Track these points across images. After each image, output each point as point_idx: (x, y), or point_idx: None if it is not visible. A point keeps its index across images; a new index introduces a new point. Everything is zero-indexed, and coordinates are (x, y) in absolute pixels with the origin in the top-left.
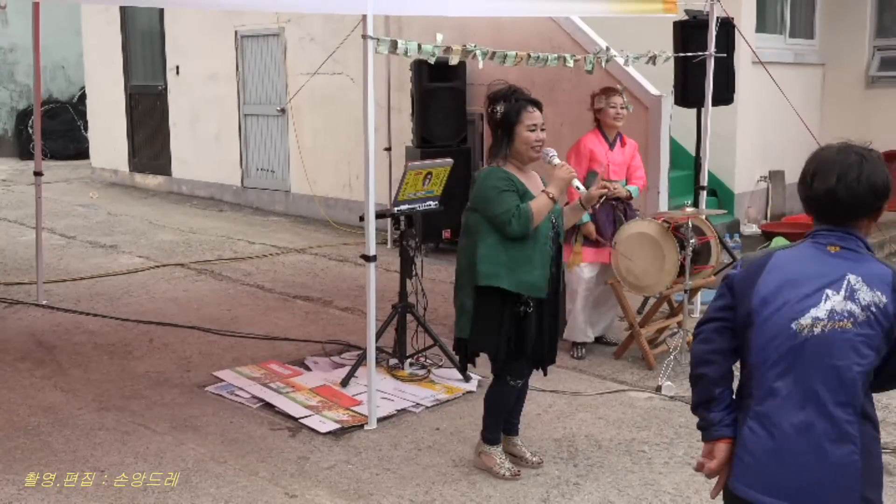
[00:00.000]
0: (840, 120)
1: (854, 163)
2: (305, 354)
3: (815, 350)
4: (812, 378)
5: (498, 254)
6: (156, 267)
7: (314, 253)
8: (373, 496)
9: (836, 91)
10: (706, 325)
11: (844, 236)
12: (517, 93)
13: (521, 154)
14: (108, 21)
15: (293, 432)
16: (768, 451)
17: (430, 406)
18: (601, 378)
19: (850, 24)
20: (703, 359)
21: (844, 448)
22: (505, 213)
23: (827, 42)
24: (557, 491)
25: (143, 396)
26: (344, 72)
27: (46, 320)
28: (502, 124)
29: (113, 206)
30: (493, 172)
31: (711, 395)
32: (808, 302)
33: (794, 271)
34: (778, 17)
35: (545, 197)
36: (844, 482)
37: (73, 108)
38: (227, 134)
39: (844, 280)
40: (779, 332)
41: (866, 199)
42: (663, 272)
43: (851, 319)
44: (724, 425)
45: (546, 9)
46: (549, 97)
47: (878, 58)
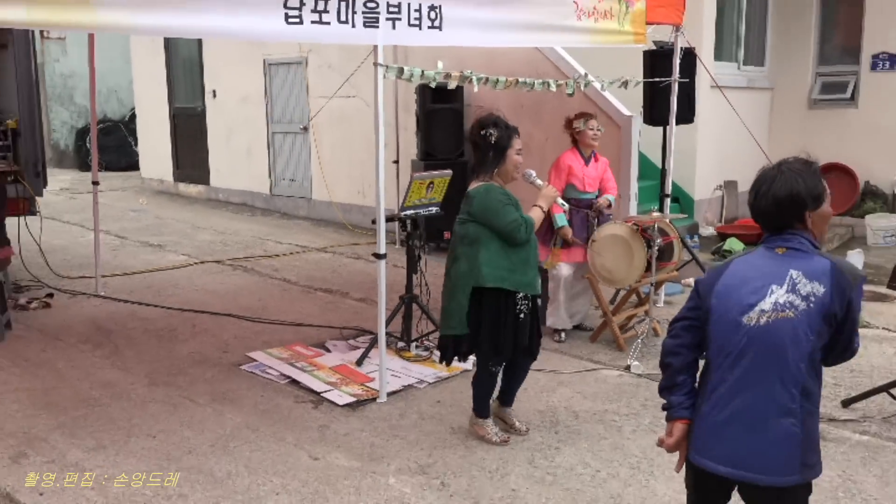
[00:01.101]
0: (786, 137)
1: (768, 178)
2: (326, 338)
3: (763, 338)
4: (760, 363)
5: (500, 259)
6: (197, 263)
7: (332, 251)
8: (383, 458)
9: (783, 112)
10: (677, 322)
11: (789, 238)
12: (502, 119)
13: (508, 173)
14: (154, 51)
15: (315, 404)
16: (722, 427)
17: (432, 382)
18: (579, 358)
19: (795, 54)
20: (671, 351)
21: (787, 421)
22: (514, 223)
23: (775, 69)
24: (541, 454)
25: (187, 374)
26: (358, 95)
27: (104, 309)
28: (496, 147)
29: (160, 211)
30: (492, 189)
31: (675, 382)
32: (755, 297)
33: (747, 272)
34: (733, 47)
35: (539, 210)
36: (787, 450)
37: (125, 127)
38: (257, 148)
39: (787, 275)
40: (732, 325)
41: (775, 209)
42: (632, 268)
43: (793, 309)
44: (682, 408)
45: (533, 40)
46: (535, 117)
47: (819, 83)
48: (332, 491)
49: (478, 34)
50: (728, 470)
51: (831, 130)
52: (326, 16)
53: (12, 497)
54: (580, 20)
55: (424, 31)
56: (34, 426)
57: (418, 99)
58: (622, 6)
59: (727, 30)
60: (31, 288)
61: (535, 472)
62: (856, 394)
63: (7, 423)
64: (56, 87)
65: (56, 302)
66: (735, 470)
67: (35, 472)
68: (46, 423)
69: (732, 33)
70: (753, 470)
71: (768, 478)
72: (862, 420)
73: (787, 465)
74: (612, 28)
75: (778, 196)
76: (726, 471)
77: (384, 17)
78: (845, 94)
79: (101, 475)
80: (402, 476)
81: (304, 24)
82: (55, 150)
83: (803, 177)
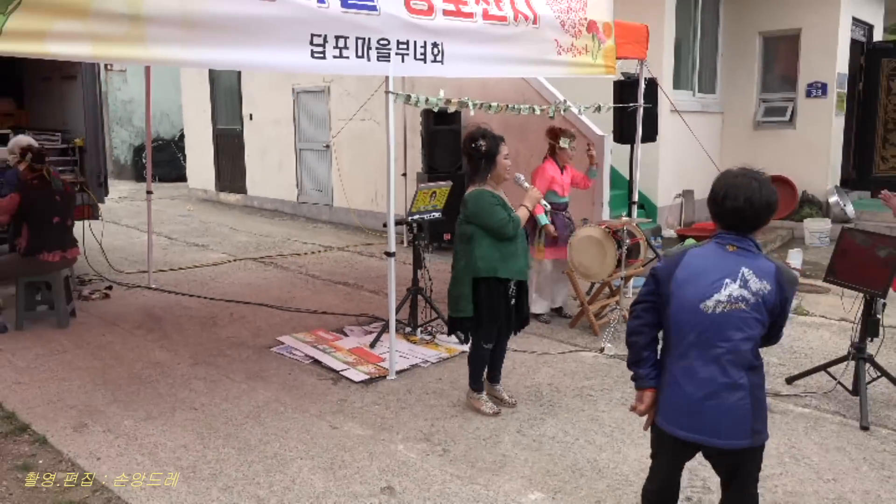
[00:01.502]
0: (735, 153)
1: (756, 188)
2: (344, 324)
3: (717, 323)
4: (714, 344)
5: (493, 252)
6: (235, 260)
7: (350, 250)
8: (393, 427)
9: (732, 132)
10: (637, 305)
11: (741, 239)
12: (490, 132)
13: (499, 176)
14: (201, 81)
15: (335, 381)
16: (682, 397)
17: (435, 362)
18: (560, 342)
19: (742, 83)
20: (635, 330)
21: (737, 394)
22: (502, 221)
23: (725, 96)
24: (528, 424)
25: (225, 355)
26: (372, 118)
27: (155, 299)
28: (486, 155)
29: (204, 216)
30: (483, 193)
31: (641, 357)
32: (712, 288)
33: (703, 265)
34: (689, 77)
35: (524, 209)
36: (738, 418)
37: (175, 145)
38: (286, 163)
39: (740, 272)
40: (691, 310)
41: (766, 214)
42: (605, 264)
43: (744, 302)
44: (649, 378)
45: (520, 71)
46: (522, 136)
47: (762, 107)
48: (348, 456)
49: (473, 67)
50: (690, 435)
51: (773, 148)
52: (346, 51)
53: (74, 462)
54: (560, 55)
55: (429, 64)
56: (94, 400)
57: (423, 121)
58: (595, 43)
59: (684, 63)
60: (93, 281)
61: (523, 440)
62: (798, 372)
63: (70, 398)
64: (118, 111)
65: (114, 293)
66: (697, 435)
67: (93, 439)
68: (104, 397)
69: (688, 66)
70: (712, 435)
71: (724, 441)
72: (804, 395)
73: (740, 431)
74: (587, 62)
75: (762, 203)
76: (688, 435)
77: (394, 53)
78: (785, 116)
79: (150, 442)
80: (408, 443)
81: (326, 58)
82: (116, 164)
83: (771, 188)
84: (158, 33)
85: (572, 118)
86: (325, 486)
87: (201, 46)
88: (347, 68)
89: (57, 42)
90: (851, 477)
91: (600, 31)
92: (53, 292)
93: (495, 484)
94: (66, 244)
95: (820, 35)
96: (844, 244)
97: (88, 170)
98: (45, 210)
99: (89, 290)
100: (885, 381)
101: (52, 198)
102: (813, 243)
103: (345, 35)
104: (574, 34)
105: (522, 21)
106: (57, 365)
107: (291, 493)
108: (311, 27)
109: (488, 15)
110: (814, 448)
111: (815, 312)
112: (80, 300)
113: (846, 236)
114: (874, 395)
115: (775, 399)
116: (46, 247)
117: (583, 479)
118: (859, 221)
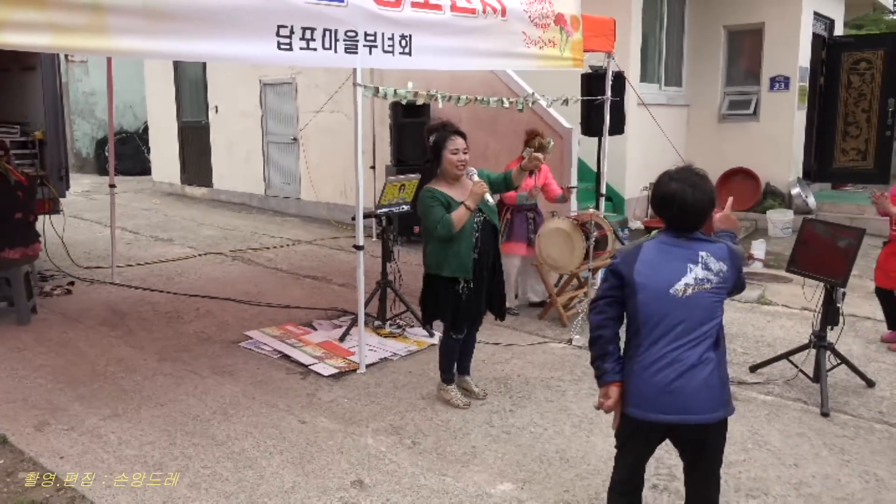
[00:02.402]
0: (700, 146)
1: (688, 193)
2: (313, 318)
3: (688, 305)
4: (684, 324)
5: (438, 251)
6: (201, 255)
7: (318, 244)
8: (363, 421)
9: (697, 125)
10: (599, 301)
11: (692, 235)
12: (447, 126)
13: (448, 172)
14: (165, 72)
15: (304, 375)
16: (655, 382)
17: (404, 355)
18: (529, 333)
19: (707, 77)
20: (600, 325)
21: (707, 368)
22: (433, 222)
23: (690, 89)
24: (497, 416)
25: (191, 350)
26: (340, 110)
27: (119, 294)
28: (433, 150)
29: (169, 210)
30: (425, 192)
31: (606, 351)
32: (678, 273)
33: (664, 253)
34: (655, 71)
35: (463, 208)
36: (711, 391)
37: (139, 138)
38: (253, 156)
39: (699, 255)
40: (661, 296)
41: (705, 214)
42: (573, 256)
43: (709, 283)
44: (614, 373)
45: (489, 64)
46: (491, 129)
47: (727, 101)
48: (317, 450)
49: (442, 59)
50: (665, 417)
51: (737, 140)
52: (313, 43)
53: (36, 461)
54: (528, 48)
55: (397, 56)
56: (56, 398)
57: (391, 114)
58: (563, 36)
59: (650, 56)
60: (54, 277)
61: (493, 431)
62: (761, 360)
63: (32, 396)
64: (79, 103)
65: (76, 289)
66: (672, 416)
67: (56, 438)
68: (67, 395)
69: (655, 59)
70: (687, 412)
71: (699, 416)
72: (766, 383)
73: (714, 404)
74: (555, 55)
75: (697, 208)
76: (662, 417)
77: (362, 45)
78: (749, 110)
79: (115, 440)
80: (378, 436)
81: (293, 50)
82: (77, 157)
83: (709, 185)
84: (120, 23)
85: (540, 111)
86: (295, 481)
87: (165, 37)
88: (314, 60)
89: (15, 32)
90: (812, 462)
91: (568, 24)
92: (13, 289)
93: (465, 475)
94: (28, 240)
95: (783, 29)
96: (806, 235)
97: (49, 163)
98: (7, 206)
99: (51, 286)
100: (845, 368)
101: (13, 193)
102: (776, 234)
103: (312, 26)
104: (542, 27)
105: (491, 13)
106: (17, 363)
107: (260, 488)
108: (277, 18)
109: (456, 7)
110: (776, 435)
111: (777, 302)
112: (42, 296)
113: (808, 227)
114: (834, 382)
115: (739, 387)
116: (9, 243)
117: (552, 468)
118: (820, 213)
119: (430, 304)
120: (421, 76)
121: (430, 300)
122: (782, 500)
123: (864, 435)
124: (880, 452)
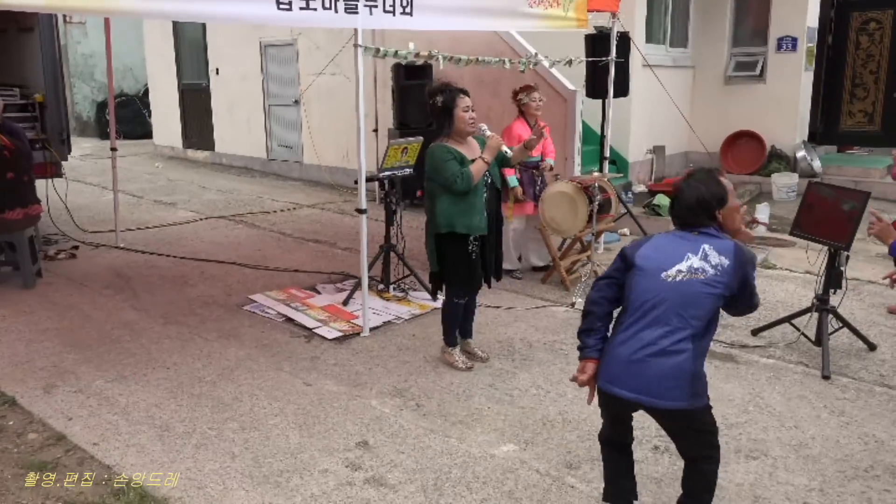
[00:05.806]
0: (705, 108)
1: (679, 190)
2: (316, 282)
3: (676, 290)
4: (669, 309)
5: (451, 208)
6: (204, 219)
7: (321, 208)
8: (366, 384)
9: (703, 87)
10: (602, 280)
11: (701, 227)
12: (450, 85)
13: (460, 130)
14: (164, 33)
15: (308, 339)
16: (621, 357)
17: (408, 319)
18: (531, 297)
19: (713, 37)
20: (595, 301)
21: (680, 357)
22: (451, 176)
23: (696, 50)
24: (500, 378)
25: (196, 314)
26: (341, 72)
27: (123, 259)
28: (443, 110)
29: (171, 173)
30: (439, 148)
31: (593, 326)
32: (674, 260)
33: (669, 243)
34: (661, 31)
35: (481, 161)
36: (675, 380)
37: (139, 100)
38: (255, 119)
39: (701, 248)
40: (653, 278)
41: (688, 212)
42: (577, 220)
43: (703, 273)
44: (595, 349)
45: (491, 24)
46: (494, 91)
47: (733, 62)
48: (322, 412)
49: (444, 19)
50: (625, 393)
51: (743, 102)
52: (313, 3)
53: (45, 422)
54: (532, 7)
55: (398, 16)
56: (63, 361)
57: (393, 76)
58: None
59: (656, 17)
60: (58, 241)
61: (496, 394)
62: (763, 324)
63: (39, 359)
64: (78, 65)
65: (81, 253)
66: (638, 395)
67: (64, 400)
68: (74, 358)
69: (660, 19)
70: (651, 395)
71: (659, 402)
72: (768, 346)
73: (679, 392)
74: (559, 14)
75: (689, 202)
76: (622, 393)
77: (363, 4)
78: (755, 71)
79: (122, 402)
80: (382, 398)
81: (293, 10)
82: (78, 121)
83: (706, 185)
84: None
85: (543, 72)
86: (300, 442)
87: None
88: (314, 20)
89: None
90: (812, 424)
91: None
92: (18, 252)
93: (469, 437)
94: (26, 201)
95: None
96: (810, 198)
97: (50, 126)
98: None
99: (55, 249)
100: (847, 331)
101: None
102: (780, 198)
103: None
104: None
105: None
106: (24, 326)
107: (266, 448)
108: None
109: None
110: (777, 397)
111: (780, 265)
112: (46, 260)
113: (812, 190)
114: (836, 345)
115: (741, 350)
116: (7, 205)
117: (554, 430)
118: (826, 176)
119: (442, 267)
120: (422, 37)
121: (444, 262)
122: (782, 461)
123: (865, 397)
124: (880, 415)
